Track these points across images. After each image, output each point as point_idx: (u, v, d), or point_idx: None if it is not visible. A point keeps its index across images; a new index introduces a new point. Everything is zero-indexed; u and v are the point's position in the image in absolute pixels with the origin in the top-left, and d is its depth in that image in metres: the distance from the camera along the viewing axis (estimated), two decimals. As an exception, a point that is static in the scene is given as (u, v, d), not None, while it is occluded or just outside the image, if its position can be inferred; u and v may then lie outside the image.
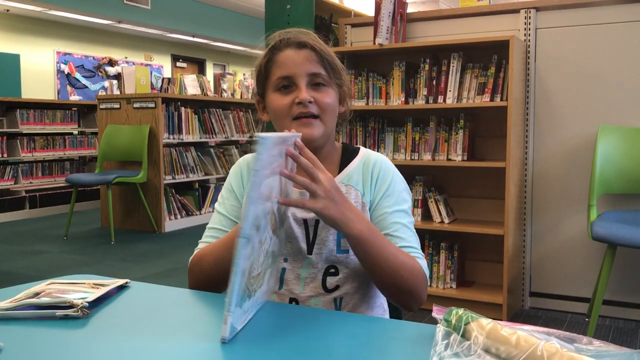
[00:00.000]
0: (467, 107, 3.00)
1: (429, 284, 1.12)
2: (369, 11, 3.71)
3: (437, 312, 0.79)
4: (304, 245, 1.14)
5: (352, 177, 1.17)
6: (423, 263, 1.09)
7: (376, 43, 3.16)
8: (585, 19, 2.97)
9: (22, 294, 0.97)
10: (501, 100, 2.90)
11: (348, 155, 1.21)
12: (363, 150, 1.22)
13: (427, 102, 3.07)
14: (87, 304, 0.92)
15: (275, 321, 0.94)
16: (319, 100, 1.13)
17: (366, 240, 1.01)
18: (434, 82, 3.06)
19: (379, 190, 1.16)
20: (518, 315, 3.03)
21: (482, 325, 0.73)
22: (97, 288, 1.01)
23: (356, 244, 1.01)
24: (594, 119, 2.95)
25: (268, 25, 3.45)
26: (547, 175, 3.09)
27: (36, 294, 0.97)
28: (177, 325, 0.90)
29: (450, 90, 3.01)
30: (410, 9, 3.36)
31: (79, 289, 1.00)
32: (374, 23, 3.22)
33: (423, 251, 3.34)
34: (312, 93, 1.12)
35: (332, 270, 1.14)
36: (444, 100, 3.02)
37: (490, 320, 0.74)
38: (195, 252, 1.16)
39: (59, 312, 0.90)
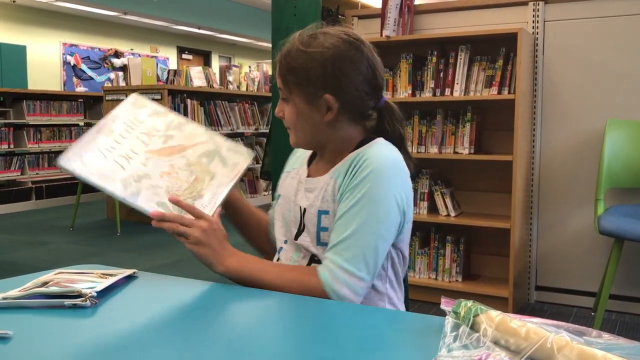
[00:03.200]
0: (474, 100, 2.99)
1: (337, 293, 1.02)
2: (376, 3, 3.69)
3: (445, 304, 0.78)
4: (294, 230, 1.19)
5: (338, 168, 1.13)
6: (325, 276, 1.03)
7: (383, 35, 3.15)
8: (594, 11, 2.95)
9: (31, 283, 0.98)
10: (509, 93, 2.89)
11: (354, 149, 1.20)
12: (368, 145, 1.13)
13: (434, 94, 3.06)
14: (96, 293, 0.93)
15: (282, 312, 0.94)
16: (284, 114, 1.18)
17: (237, 274, 1.07)
18: (441, 75, 3.05)
19: (350, 183, 1.07)
20: (524, 309, 3.02)
21: (491, 318, 0.73)
22: (105, 278, 1.01)
23: (230, 277, 1.08)
24: (602, 112, 2.94)
25: (274, 17, 3.43)
26: (554, 168, 3.08)
27: (45, 283, 0.97)
28: (184, 314, 0.90)
29: (457, 83, 3.00)
30: (417, 1, 3.34)
31: (87, 279, 1.00)
32: (381, 15, 3.21)
33: (428, 244, 3.31)
34: (282, 106, 1.18)
35: (316, 258, 1.15)
36: (451, 93, 3.01)
37: (499, 312, 0.74)
38: None
39: (68, 301, 0.90)
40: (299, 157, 1.30)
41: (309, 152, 1.28)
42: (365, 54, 1.13)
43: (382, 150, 1.11)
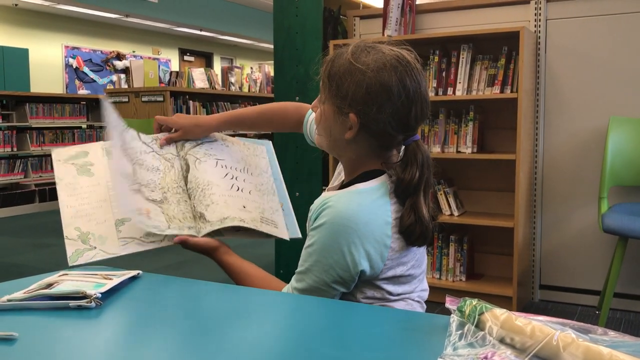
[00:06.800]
0: (477, 99, 2.98)
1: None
2: (378, 3, 3.69)
3: (450, 303, 0.78)
4: None
5: (315, 204, 1.12)
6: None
7: (385, 35, 3.15)
8: (596, 9, 2.95)
9: (36, 284, 0.98)
10: (511, 92, 2.88)
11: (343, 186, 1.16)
12: (342, 192, 1.11)
13: (436, 94, 3.06)
14: (100, 294, 0.93)
15: (287, 311, 0.94)
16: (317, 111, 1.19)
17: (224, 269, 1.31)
18: (444, 74, 3.05)
19: (312, 224, 1.09)
20: (528, 308, 3.02)
21: (497, 316, 0.73)
22: (110, 279, 1.01)
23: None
24: (604, 110, 2.93)
25: (276, 18, 3.44)
26: (558, 167, 3.08)
27: (49, 285, 0.97)
28: (189, 315, 0.90)
29: (460, 82, 3.00)
30: (419, 0, 3.33)
31: (92, 280, 1.00)
32: (383, 15, 3.21)
33: (432, 244, 3.30)
34: (318, 104, 1.18)
35: None
36: (454, 92, 3.01)
37: (505, 310, 0.74)
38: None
39: (73, 303, 0.90)
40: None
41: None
42: (407, 86, 1.06)
43: (344, 203, 1.06)
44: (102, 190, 1.34)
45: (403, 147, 1.12)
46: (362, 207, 1.06)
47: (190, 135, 1.47)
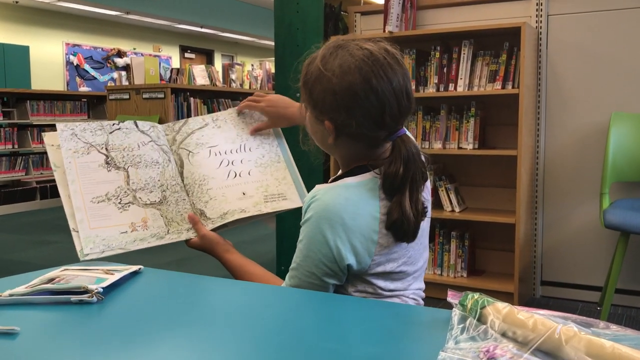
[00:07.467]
0: (478, 95, 2.98)
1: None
2: (379, -1, 3.68)
3: (452, 297, 0.78)
4: None
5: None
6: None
7: (386, 31, 3.14)
8: (597, 4, 2.94)
9: (37, 279, 0.98)
10: (513, 87, 2.88)
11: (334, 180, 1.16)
12: (329, 186, 1.10)
13: (437, 90, 3.06)
14: (102, 289, 0.93)
15: (288, 305, 0.94)
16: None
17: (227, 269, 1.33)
18: (445, 70, 3.04)
19: (302, 218, 1.10)
20: (529, 304, 3.01)
21: (499, 309, 0.72)
22: (111, 274, 1.01)
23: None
24: (606, 106, 2.93)
25: (277, 14, 3.43)
26: (559, 163, 3.07)
27: (51, 280, 0.97)
28: (190, 309, 0.90)
29: (461, 78, 2.99)
30: (420, -3, 3.33)
31: (93, 275, 1.00)
32: (384, 10, 3.20)
33: (433, 240, 3.31)
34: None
35: None
36: (455, 88, 3.00)
37: (507, 304, 0.74)
38: None
39: (74, 298, 0.90)
40: None
41: None
42: (374, 86, 1.03)
43: (331, 197, 1.06)
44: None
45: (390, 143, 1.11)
46: (348, 201, 1.06)
47: (278, 126, 1.51)
